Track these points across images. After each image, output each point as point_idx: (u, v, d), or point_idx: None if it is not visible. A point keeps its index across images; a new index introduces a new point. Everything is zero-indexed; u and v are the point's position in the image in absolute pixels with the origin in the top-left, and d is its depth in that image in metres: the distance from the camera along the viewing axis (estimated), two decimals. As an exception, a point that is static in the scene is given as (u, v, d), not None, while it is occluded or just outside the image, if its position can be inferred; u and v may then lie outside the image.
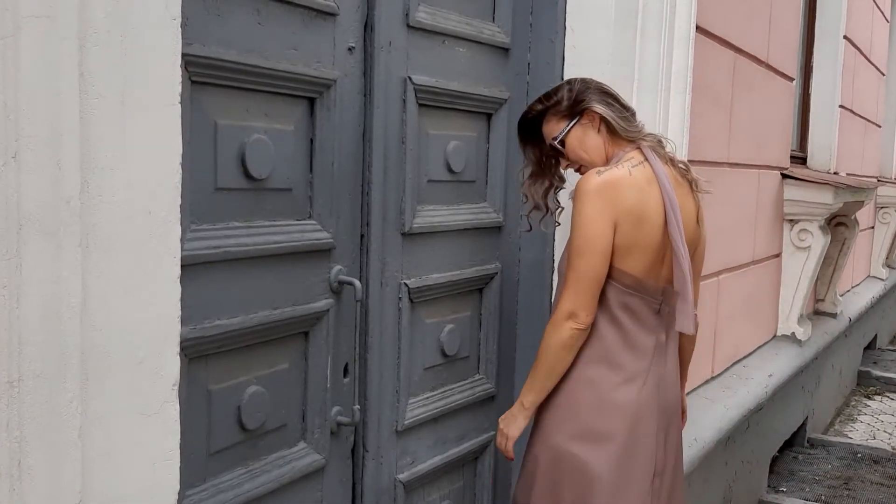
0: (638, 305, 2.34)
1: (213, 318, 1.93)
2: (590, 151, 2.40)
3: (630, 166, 2.28)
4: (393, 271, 2.48)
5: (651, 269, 2.32)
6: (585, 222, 2.21)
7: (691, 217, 2.38)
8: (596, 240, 2.21)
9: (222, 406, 2.00)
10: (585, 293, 2.24)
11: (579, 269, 2.23)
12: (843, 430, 6.74)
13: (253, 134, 1.99)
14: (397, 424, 2.55)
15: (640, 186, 2.25)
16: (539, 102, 2.46)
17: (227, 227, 1.95)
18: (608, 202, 2.21)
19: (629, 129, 2.37)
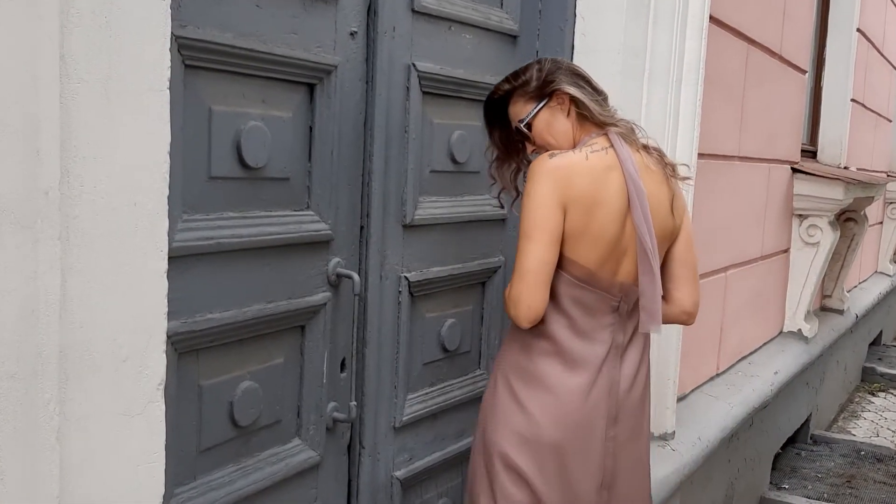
0: (591, 300, 2.17)
1: (204, 311, 1.86)
2: (557, 136, 2.23)
3: (589, 151, 2.13)
4: (393, 264, 2.41)
5: (606, 262, 2.14)
6: (533, 205, 2.06)
7: (663, 205, 2.20)
8: (544, 222, 2.05)
9: (214, 402, 1.93)
10: (534, 280, 2.07)
11: (527, 252, 2.06)
12: (846, 427, 6.68)
13: (249, 121, 1.91)
14: (395, 421, 2.49)
15: (596, 172, 2.09)
16: (506, 82, 2.28)
17: (221, 217, 1.88)
18: (557, 185, 2.05)
19: (601, 113, 2.20)
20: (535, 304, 2.08)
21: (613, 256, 2.14)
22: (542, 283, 2.07)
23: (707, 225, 3.74)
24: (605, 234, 2.10)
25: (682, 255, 2.31)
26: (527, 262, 2.06)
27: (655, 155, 2.24)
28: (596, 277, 2.14)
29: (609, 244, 2.12)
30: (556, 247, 2.08)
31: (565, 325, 2.17)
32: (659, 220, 2.18)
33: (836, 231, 5.23)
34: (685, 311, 2.33)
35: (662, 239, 2.21)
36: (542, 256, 2.06)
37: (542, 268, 2.07)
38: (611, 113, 2.23)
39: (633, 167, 2.12)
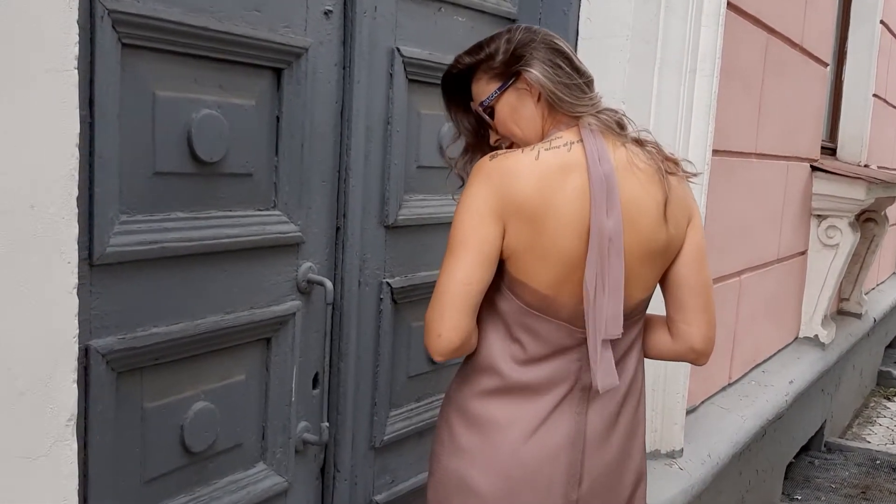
0: (548, 331, 1.74)
1: (147, 325, 1.64)
2: (522, 125, 1.82)
3: (544, 148, 1.71)
4: (374, 269, 2.18)
5: (564, 284, 1.71)
6: (461, 214, 1.69)
7: (649, 211, 1.74)
8: (470, 236, 1.67)
9: (161, 426, 1.71)
10: (449, 303, 1.67)
11: (446, 269, 1.68)
12: (861, 434, 6.46)
13: (202, 109, 1.69)
14: (375, 440, 2.26)
15: (548, 174, 1.67)
16: (468, 54, 1.85)
17: (168, 218, 1.66)
18: (493, 192, 1.66)
19: (572, 103, 1.76)
20: (446, 332, 1.67)
21: (575, 278, 1.70)
22: (458, 309, 1.67)
23: (721, 226, 3.51)
24: (558, 249, 1.68)
25: (687, 276, 1.83)
26: (443, 282, 1.68)
27: (651, 149, 1.81)
28: (552, 303, 1.72)
29: (565, 263, 1.69)
30: (485, 267, 1.68)
31: (512, 353, 1.76)
32: (641, 229, 1.73)
33: (857, 232, 4.98)
34: (693, 349, 1.87)
35: (648, 255, 1.76)
36: (463, 276, 1.67)
37: (459, 290, 1.67)
38: (591, 101, 1.79)
39: (603, 165, 1.70)
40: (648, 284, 1.81)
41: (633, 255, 1.72)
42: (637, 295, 1.78)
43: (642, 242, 1.73)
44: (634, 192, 1.73)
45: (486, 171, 1.69)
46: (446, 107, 1.95)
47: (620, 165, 1.72)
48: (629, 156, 1.75)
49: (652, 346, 1.92)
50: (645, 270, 1.77)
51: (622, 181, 1.71)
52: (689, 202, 1.84)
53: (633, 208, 1.72)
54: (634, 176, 1.74)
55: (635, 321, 1.83)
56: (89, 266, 1.52)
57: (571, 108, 1.76)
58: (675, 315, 1.86)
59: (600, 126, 1.75)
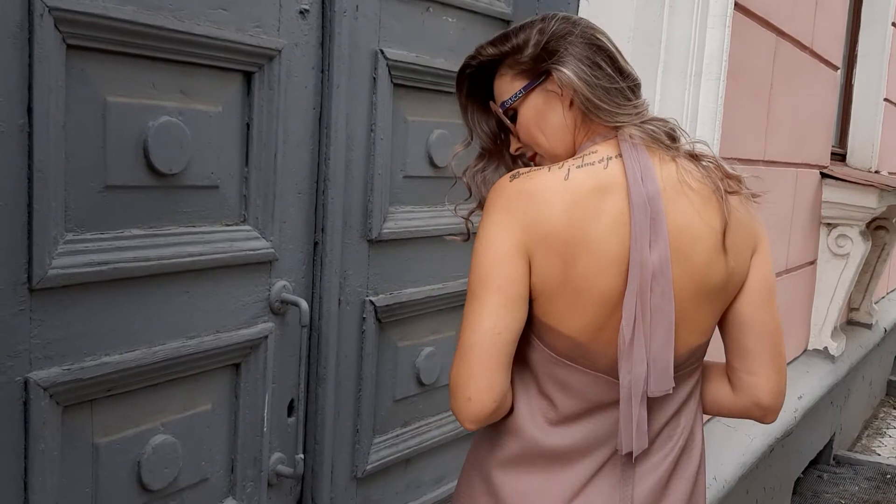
0: (583, 385, 1.47)
1: (97, 353, 1.49)
2: (549, 134, 1.53)
3: (575, 166, 1.44)
4: (355, 286, 2.03)
5: (602, 329, 1.43)
6: (481, 249, 1.42)
7: (704, 239, 1.45)
8: (494, 275, 1.40)
9: (114, 463, 1.57)
10: (478, 359, 1.39)
11: (471, 318, 1.41)
12: (870, 446, 6.31)
13: (161, 116, 1.54)
14: (357, 470, 2.11)
15: (579, 198, 1.40)
16: (493, 44, 1.56)
17: (121, 236, 1.51)
18: (516, 221, 1.40)
19: (611, 111, 1.47)
20: (477, 394, 1.39)
21: (614, 322, 1.42)
22: (489, 364, 1.39)
23: (728, 237, 3.34)
24: (593, 288, 1.40)
25: (752, 317, 1.53)
26: (468, 333, 1.41)
27: (708, 164, 1.50)
28: (586, 352, 1.45)
29: (602, 304, 1.41)
30: (515, 310, 1.41)
31: (541, 411, 1.49)
32: (694, 262, 1.44)
33: (868, 241, 4.81)
34: (759, 405, 1.57)
35: (704, 292, 1.47)
36: (491, 324, 1.39)
37: (488, 341, 1.39)
38: (635, 109, 1.50)
39: (647, 186, 1.41)
40: (705, 328, 1.51)
41: (685, 293, 1.44)
42: (691, 341, 1.50)
43: (696, 278, 1.45)
44: (686, 218, 1.44)
45: (506, 195, 1.43)
46: (461, 105, 1.69)
47: (669, 185, 1.44)
48: (680, 173, 1.46)
49: (709, 400, 1.63)
50: (700, 311, 1.48)
51: (671, 204, 1.42)
52: (755, 227, 1.54)
53: (684, 237, 1.43)
54: (686, 198, 1.44)
55: (690, 371, 1.55)
56: (28, 290, 1.37)
57: (610, 117, 1.47)
58: (736, 363, 1.57)
59: (644, 138, 1.46)
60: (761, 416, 1.59)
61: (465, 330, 1.42)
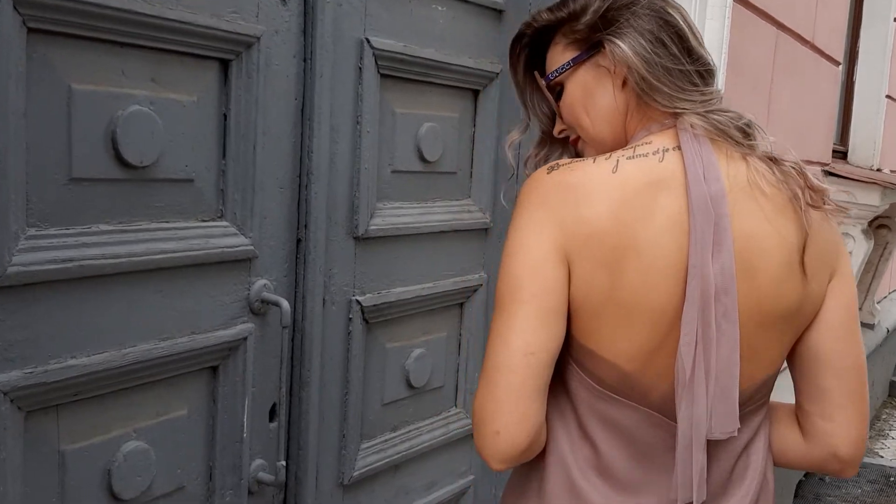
0: (633, 424, 1.26)
1: (63, 356, 1.41)
2: (594, 115, 1.33)
3: (625, 157, 1.23)
4: (341, 285, 1.95)
5: (656, 355, 1.22)
6: (512, 253, 1.22)
7: (776, 255, 1.22)
8: (528, 284, 1.19)
9: (83, 471, 1.48)
10: (511, 388, 1.18)
11: (500, 335, 1.20)
12: (873, 448, 6.24)
13: (131, 105, 1.46)
14: (343, 476, 2.03)
15: (629, 195, 1.19)
16: (549, 10, 1.37)
17: (88, 231, 1.43)
18: (554, 220, 1.19)
19: (671, 94, 1.26)
20: (507, 427, 1.18)
21: (668, 346, 1.21)
22: (521, 391, 1.18)
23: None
24: (644, 304, 1.19)
25: (829, 352, 1.30)
26: (495, 354, 1.20)
27: (788, 169, 1.26)
28: (635, 383, 1.23)
29: (654, 323, 1.20)
30: (553, 325, 1.20)
31: (584, 458, 1.27)
32: (761, 279, 1.22)
33: (871, 240, 4.75)
34: (837, 457, 1.33)
35: (772, 317, 1.24)
36: (523, 343, 1.18)
37: (520, 363, 1.18)
38: (701, 95, 1.27)
39: (710, 185, 1.19)
40: (773, 358, 1.29)
41: (751, 314, 1.22)
42: (757, 374, 1.28)
43: (764, 297, 1.22)
44: (754, 225, 1.21)
45: (544, 189, 1.22)
46: (517, 83, 1.51)
47: (736, 186, 1.22)
48: (751, 174, 1.23)
49: (773, 448, 1.39)
50: (768, 338, 1.26)
51: (737, 208, 1.21)
52: (837, 247, 1.31)
53: (751, 247, 1.21)
54: (755, 202, 1.22)
55: (756, 408, 1.33)
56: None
57: (668, 101, 1.26)
58: (810, 406, 1.33)
59: (709, 129, 1.24)
60: (839, 469, 1.34)
61: (491, 349, 1.20)
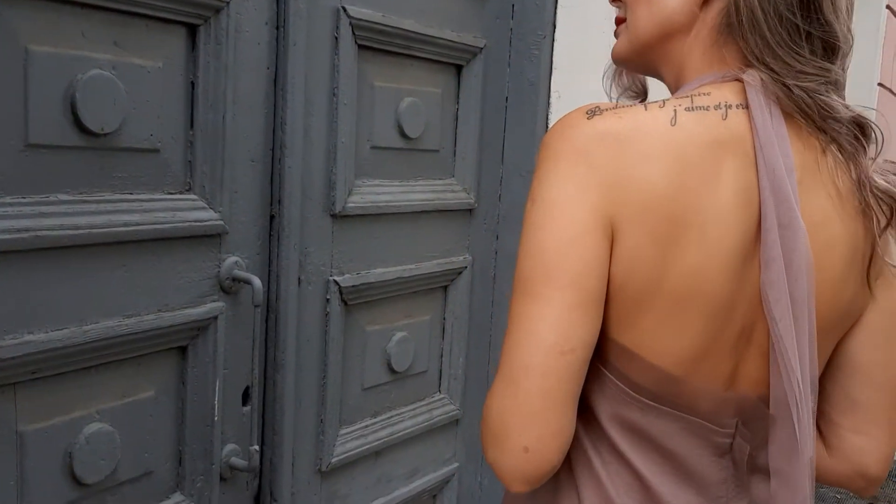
0: (674, 434, 1.05)
1: (20, 331, 1.34)
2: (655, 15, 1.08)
3: (682, 107, 0.99)
4: (318, 265, 1.88)
5: (709, 355, 1.02)
6: (541, 217, 0.97)
7: (841, 248, 1.03)
8: (562, 262, 0.95)
9: (43, 453, 1.41)
10: (543, 394, 0.95)
11: (525, 333, 0.96)
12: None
13: (91, 68, 1.39)
14: (321, 463, 1.96)
15: (691, 156, 0.96)
16: None
17: (47, 200, 1.36)
18: (598, 177, 0.95)
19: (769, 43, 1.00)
20: (542, 443, 0.96)
21: (725, 342, 1.02)
22: (559, 399, 0.96)
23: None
24: (703, 293, 0.98)
25: (871, 361, 1.14)
26: (523, 351, 0.96)
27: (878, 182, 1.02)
28: (682, 389, 1.03)
29: (713, 317, 1.00)
30: (595, 315, 0.97)
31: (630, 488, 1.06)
32: (827, 273, 1.03)
33: (863, 228, 4.68)
34: (865, 475, 1.17)
35: (830, 316, 1.06)
36: (561, 338, 0.95)
37: (560, 364, 0.95)
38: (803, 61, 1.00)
39: (784, 159, 0.98)
40: (822, 362, 1.12)
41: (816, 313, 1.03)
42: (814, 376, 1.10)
43: (826, 295, 1.03)
44: (823, 213, 1.02)
45: (583, 139, 0.97)
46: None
47: (806, 166, 1.01)
48: (821, 163, 1.02)
49: None
50: (823, 340, 1.07)
51: (805, 193, 1.00)
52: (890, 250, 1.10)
53: (818, 238, 1.01)
54: (824, 189, 1.02)
55: None
56: (-67, 259, 1.22)
57: (760, 52, 1.01)
58: (840, 418, 1.16)
59: (781, 98, 1.00)
60: (863, 487, 1.19)
61: (516, 346, 0.96)
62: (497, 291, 2.44)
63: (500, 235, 2.42)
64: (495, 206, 2.39)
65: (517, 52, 2.33)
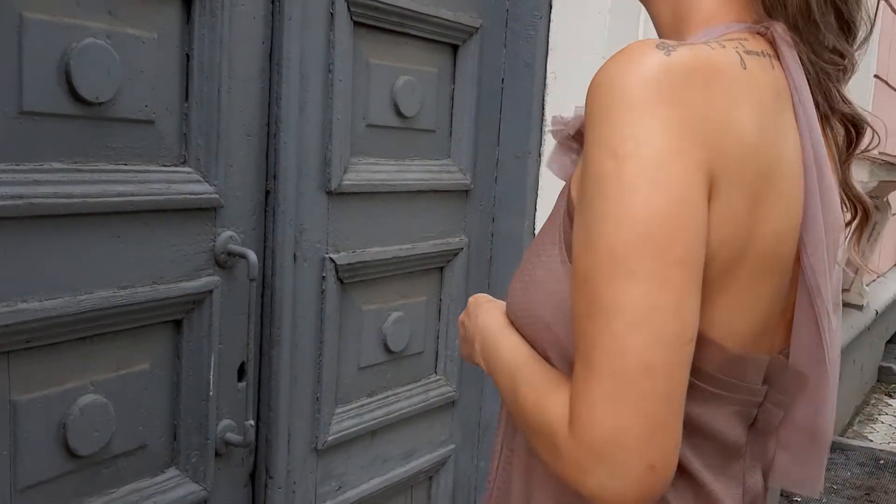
0: (718, 418, 0.94)
1: (13, 299, 1.33)
2: None
3: (741, 49, 0.88)
4: (313, 242, 1.88)
5: (770, 325, 0.94)
6: (638, 177, 0.79)
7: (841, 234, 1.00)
8: (671, 230, 0.79)
9: (36, 423, 1.41)
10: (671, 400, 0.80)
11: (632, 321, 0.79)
12: (862, 432, 6.20)
13: (85, 37, 1.38)
14: (317, 441, 1.96)
15: (767, 104, 0.88)
16: None
17: (41, 168, 1.35)
18: (695, 123, 0.81)
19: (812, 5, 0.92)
20: (667, 457, 0.80)
21: (780, 310, 0.95)
22: (681, 401, 0.81)
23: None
24: (782, 256, 0.90)
25: None
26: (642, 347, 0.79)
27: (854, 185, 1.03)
28: (741, 369, 0.93)
29: (782, 284, 0.93)
30: (699, 296, 0.82)
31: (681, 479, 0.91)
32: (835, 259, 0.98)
33: (859, 218, 4.68)
34: None
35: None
36: (682, 326, 0.80)
37: (682, 359, 0.80)
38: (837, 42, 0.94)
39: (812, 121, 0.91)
40: None
41: None
42: None
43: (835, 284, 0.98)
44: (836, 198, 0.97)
45: (670, 78, 0.81)
46: None
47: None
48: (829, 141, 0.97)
49: None
50: None
51: None
52: None
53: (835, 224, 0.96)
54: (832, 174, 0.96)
55: None
56: (-74, 224, 1.22)
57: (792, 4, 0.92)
58: None
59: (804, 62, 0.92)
60: None
61: (622, 341, 0.79)
62: (493, 274, 2.44)
63: (496, 218, 2.42)
64: (491, 188, 2.39)
65: (513, 33, 2.32)
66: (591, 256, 0.81)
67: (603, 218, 0.80)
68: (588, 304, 0.81)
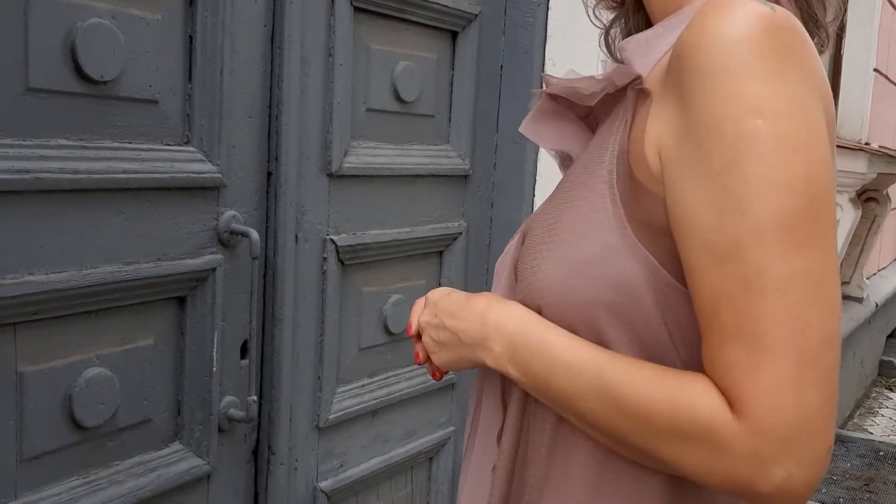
0: None
1: (20, 272, 1.37)
2: None
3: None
4: (315, 223, 1.91)
5: None
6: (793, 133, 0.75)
7: None
8: (830, 196, 0.77)
9: (42, 394, 1.44)
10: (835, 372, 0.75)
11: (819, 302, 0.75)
12: (862, 425, 6.22)
13: (91, 17, 1.41)
14: (319, 419, 1.99)
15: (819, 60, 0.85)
16: None
17: (47, 144, 1.38)
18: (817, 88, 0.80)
19: None
20: (832, 436, 0.75)
21: None
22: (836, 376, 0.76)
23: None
24: None
25: None
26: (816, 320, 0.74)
27: None
28: None
29: None
30: None
31: None
32: None
33: (858, 209, 4.72)
34: None
35: None
36: (839, 290, 0.78)
37: (840, 325, 0.77)
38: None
39: None
40: None
41: None
42: None
43: None
44: None
45: (796, 39, 0.79)
46: None
47: None
48: None
49: None
50: None
51: None
52: None
53: None
54: None
55: None
56: (-64, 195, 1.25)
57: None
58: None
59: None
60: None
61: (803, 315, 0.74)
62: (491, 260, 2.47)
63: (494, 203, 2.45)
64: (490, 174, 2.42)
65: (511, 20, 2.36)
66: (747, 225, 0.74)
67: (760, 182, 0.74)
68: (744, 279, 0.74)
